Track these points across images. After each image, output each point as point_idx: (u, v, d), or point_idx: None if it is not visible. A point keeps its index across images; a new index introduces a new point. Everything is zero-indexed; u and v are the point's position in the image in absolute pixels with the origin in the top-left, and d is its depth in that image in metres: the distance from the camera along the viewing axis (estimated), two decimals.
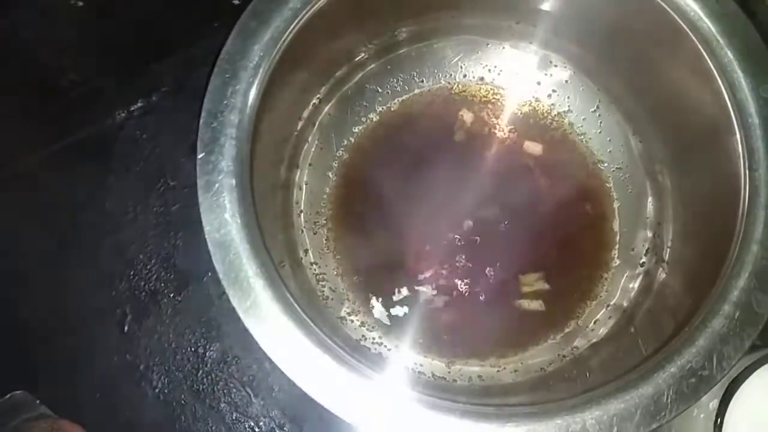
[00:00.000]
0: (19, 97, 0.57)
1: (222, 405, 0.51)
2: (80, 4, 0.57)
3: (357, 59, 0.53)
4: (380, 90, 0.55)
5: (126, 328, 0.53)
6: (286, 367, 0.35)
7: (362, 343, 0.49)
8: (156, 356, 0.52)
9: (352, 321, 0.51)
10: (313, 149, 0.53)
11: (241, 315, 0.36)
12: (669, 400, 0.34)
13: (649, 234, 0.51)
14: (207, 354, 0.52)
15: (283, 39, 0.39)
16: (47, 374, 0.52)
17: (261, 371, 0.51)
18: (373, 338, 0.50)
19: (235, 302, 0.35)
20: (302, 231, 0.52)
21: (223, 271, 0.36)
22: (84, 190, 0.56)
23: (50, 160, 0.57)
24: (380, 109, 0.56)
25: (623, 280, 0.52)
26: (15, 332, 0.53)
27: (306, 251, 0.52)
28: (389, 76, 0.55)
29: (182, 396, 0.51)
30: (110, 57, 0.58)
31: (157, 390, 0.51)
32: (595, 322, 0.51)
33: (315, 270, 0.52)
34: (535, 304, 0.51)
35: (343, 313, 0.51)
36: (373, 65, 0.54)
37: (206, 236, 0.36)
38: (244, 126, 0.38)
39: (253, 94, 0.39)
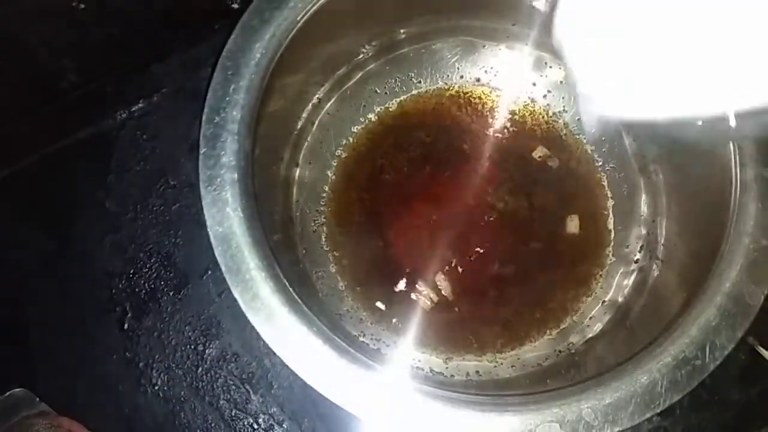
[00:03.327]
0: (21, 97, 0.58)
1: (221, 402, 0.51)
2: (82, 6, 0.57)
3: (357, 59, 0.53)
4: (379, 90, 0.56)
5: (126, 325, 0.53)
6: (287, 358, 0.35)
7: (361, 338, 0.50)
8: (156, 354, 0.52)
9: (351, 318, 0.51)
10: (312, 148, 0.54)
11: (243, 307, 0.36)
12: (663, 389, 0.35)
13: (643, 231, 0.52)
14: (206, 351, 0.52)
15: (284, 38, 0.40)
16: (47, 372, 0.52)
17: (260, 368, 0.52)
18: (372, 334, 0.51)
19: (237, 294, 0.36)
20: (301, 229, 0.53)
21: (225, 263, 0.36)
22: (84, 190, 0.57)
23: (51, 160, 0.57)
24: (379, 109, 0.57)
25: (618, 277, 0.52)
26: (15, 330, 0.53)
27: (305, 249, 0.52)
28: (388, 76, 0.56)
29: (182, 393, 0.51)
30: (111, 58, 0.59)
31: (156, 387, 0.51)
32: (590, 318, 0.52)
33: (314, 267, 0.52)
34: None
35: (341, 310, 0.51)
36: (372, 65, 0.55)
37: (209, 230, 0.37)
38: (246, 122, 0.39)
39: (254, 91, 0.39)
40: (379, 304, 0.52)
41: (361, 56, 0.53)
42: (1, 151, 0.57)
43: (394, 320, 0.51)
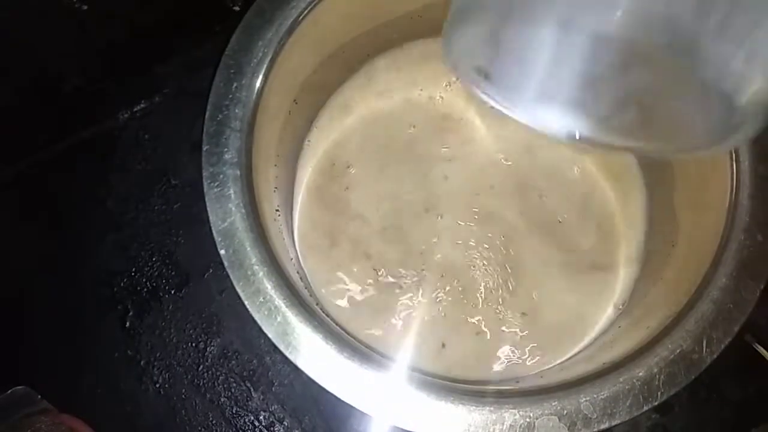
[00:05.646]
0: (22, 97, 0.58)
1: (222, 399, 0.51)
2: (84, 7, 0.58)
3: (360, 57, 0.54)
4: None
5: (127, 323, 0.53)
6: (289, 353, 0.36)
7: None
8: (157, 351, 0.52)
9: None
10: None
11: (245, 302, 0.36)
12: (660, 383, 0.35)
13: (643, 229, 0.52)
14: (207, 349, 0.53)
15: (286, 36, 0.41)
16: (49, 369, 0.52)
17: (261, 366, 0.52)
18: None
19: (239, 289, 0.36)
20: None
21: (228, 259, 0.37)
22: (86, 189, 0.57)
23: (53, 160, 0.58)
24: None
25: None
26: (16, 328, 0.53)
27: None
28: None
29: (183, 390, 0.52)
30: (113, 59, 0.59)
31: (157, 385, 0.52)
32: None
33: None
34: None
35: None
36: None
37: (211, 225, 0.37)
38: (248, 119, 0.39)
39: (256, 89, 0.40)
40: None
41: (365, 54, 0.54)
42: (2, 151, 0.57)
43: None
